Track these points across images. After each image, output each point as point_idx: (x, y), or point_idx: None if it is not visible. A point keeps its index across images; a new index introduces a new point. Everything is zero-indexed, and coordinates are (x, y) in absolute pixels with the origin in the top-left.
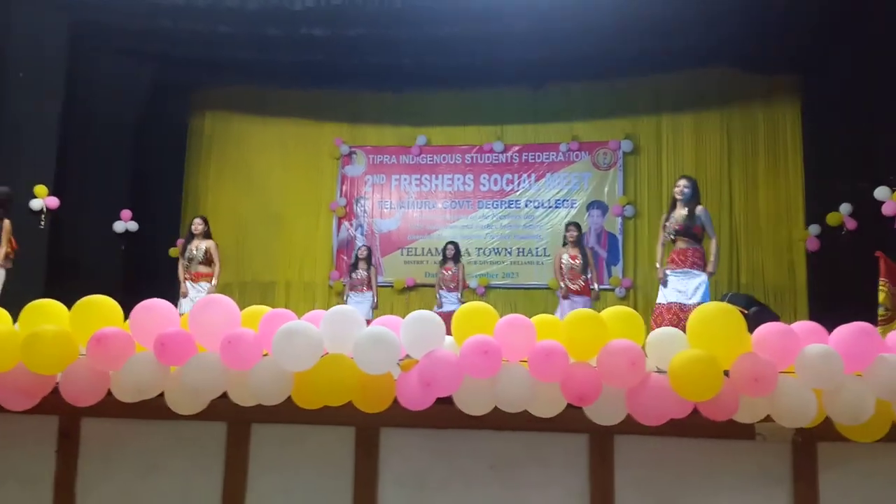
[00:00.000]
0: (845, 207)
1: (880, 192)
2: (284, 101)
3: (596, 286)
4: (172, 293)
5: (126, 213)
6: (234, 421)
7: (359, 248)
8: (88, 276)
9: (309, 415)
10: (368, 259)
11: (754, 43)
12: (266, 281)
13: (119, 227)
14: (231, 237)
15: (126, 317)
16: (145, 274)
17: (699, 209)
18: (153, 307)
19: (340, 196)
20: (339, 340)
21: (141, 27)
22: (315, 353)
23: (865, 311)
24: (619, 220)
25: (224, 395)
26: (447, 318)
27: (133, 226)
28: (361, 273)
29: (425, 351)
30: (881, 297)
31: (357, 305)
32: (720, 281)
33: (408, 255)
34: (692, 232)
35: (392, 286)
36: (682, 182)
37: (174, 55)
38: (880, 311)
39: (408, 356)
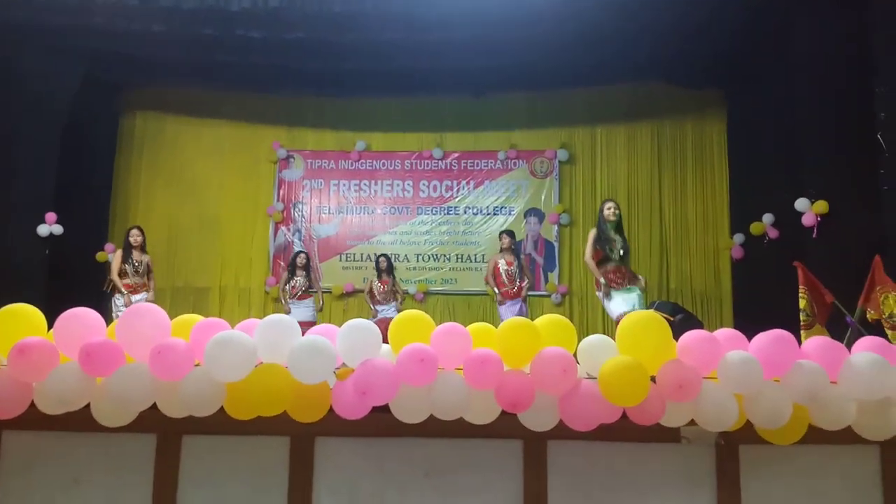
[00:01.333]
0: (768, 217)
1: (800, 204)
2: (221, 103)
3: (524, 289)
4: (99, 300)
5: (51, 215)
6: (163, 433)
7: (296, 255)
8: (10, 282)
9: (242, 425)
10: (307, 266)
11: (683, 58)
12: (200, 287)
13: (43, 230)
14: (163, 241)
15: (50, 326)
16: (71, 280)
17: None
18: (78, 316)
19: (278, 200)
20: (274, 349)
21: (70, 24)
22: (248, 362)
23: (787, 317)
24: (556, 227)
25: (153, 407)
26: (387, 324)
27: (58, 229)
28: (299, 281)
29: (361, 359)
30: (802, 303)
31: (301, 312)
32: (651, 287)
33: (346, 260)
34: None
35: (330, 292)
36: (612, 205)
37: (105, 53)
38: (802, 316)
39: (344, 365)
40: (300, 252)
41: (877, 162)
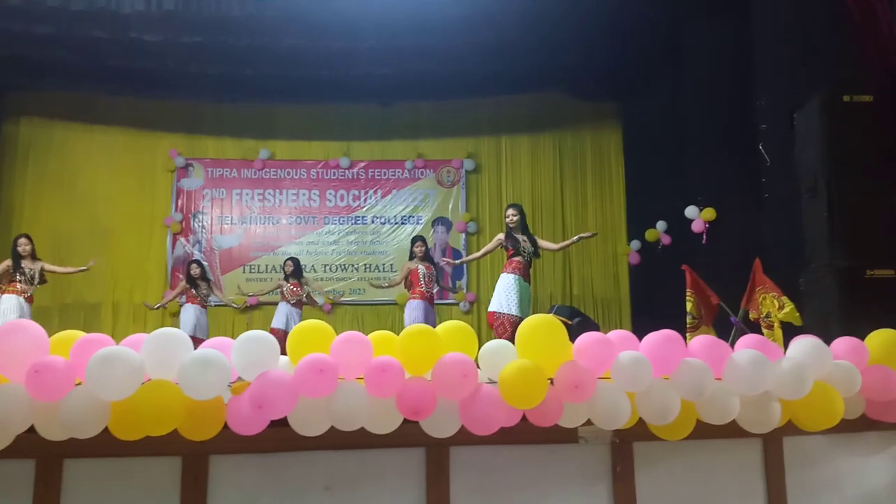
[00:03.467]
0: (661, 225)
1: (690, 211)
2: (113, 109)
3: (434, 291)
4: None
5: None
6: (42, 457)
7: (189, 266)
8: None
9: (129, 447)
10: (204, 276)
11: (580, 71)
12: (91, 302)
13: None
14: (50, 254)
15: None
16: None
17: (532, 238)
18: None
19: (176, 211)
20: (163, 365)
21: None
22: (134, 379)
23: (680, 318)
24: (463, 236)
25: (31, 430)
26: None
27: None
28: (203, 290)
29: (258, 372)
30: (689, 306)
31: (194, 316)
32: (555, 293)
33: (250, 272)
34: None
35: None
36: (511, 211)
37: None
38: (688, 319)
39: (240, 379)
40: (192, 262)
41: (760, 171)
